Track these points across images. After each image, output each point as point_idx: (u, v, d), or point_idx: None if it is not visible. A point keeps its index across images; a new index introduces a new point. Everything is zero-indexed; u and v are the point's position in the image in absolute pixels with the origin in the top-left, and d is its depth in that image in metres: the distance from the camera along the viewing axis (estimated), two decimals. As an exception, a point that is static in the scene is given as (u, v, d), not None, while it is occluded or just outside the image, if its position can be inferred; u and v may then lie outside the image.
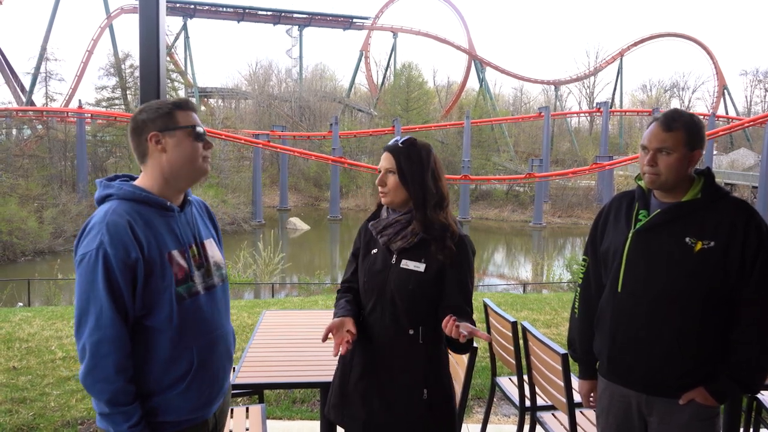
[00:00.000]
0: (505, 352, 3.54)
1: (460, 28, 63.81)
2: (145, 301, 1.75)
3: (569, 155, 53.32)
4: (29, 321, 7.28)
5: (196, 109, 1.96)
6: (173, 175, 1.87)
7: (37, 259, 25.84)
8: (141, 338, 1.78)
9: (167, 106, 1.87)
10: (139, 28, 2.65)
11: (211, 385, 1.91)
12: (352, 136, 46.35)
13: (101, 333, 1.68)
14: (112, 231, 1.71)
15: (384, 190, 2.14)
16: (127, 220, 1.74)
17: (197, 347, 1.85)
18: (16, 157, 35.75)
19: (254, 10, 52.55)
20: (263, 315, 4.15)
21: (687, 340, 2.01)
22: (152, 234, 1.78)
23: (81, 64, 46.51)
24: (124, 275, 1.70)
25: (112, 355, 1.68)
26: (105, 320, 1.68)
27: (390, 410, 2.08)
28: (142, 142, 1.86)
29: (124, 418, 1.71)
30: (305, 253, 30.13)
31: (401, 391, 2.08)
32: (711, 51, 60.21)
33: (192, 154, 1.87)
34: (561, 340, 6.10)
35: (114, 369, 1.68)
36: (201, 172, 1.91)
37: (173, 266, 1.80)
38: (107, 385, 1.69)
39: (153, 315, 1.77)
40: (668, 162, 2.02)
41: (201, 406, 1.89)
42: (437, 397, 2.10)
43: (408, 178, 2.09)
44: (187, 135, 1.86)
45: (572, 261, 20.63)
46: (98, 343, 1.68)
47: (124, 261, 1.70)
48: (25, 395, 4.58)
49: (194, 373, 1.83)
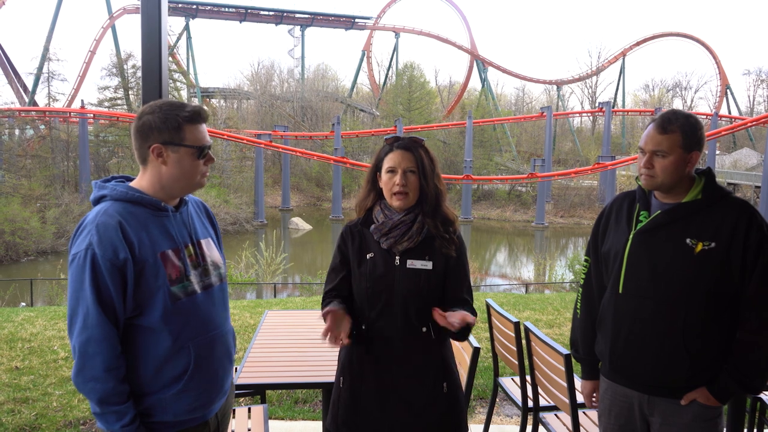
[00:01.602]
0: (507, 353, 3.54)
1: (462, 27, 63.88)
2: (137, 300, 1.75)
3: (571, 155, 53.31)
4: (32, 321, 7.29)
5: (208, 118, 1.93)
6: (169, 185, 1.87)
7: (40, 259, 25.91)
8: (135, 338, 1.78)
9: (176, 120, 1.82)
10: (142, 29, 2.64)
11: (211, 385, 1.90)
12: (354, 136, 46.34)
13: (88, 333, 1.68)
14: (102, 232, 1.71)
15: (406, 189, 2.09)
16: (117, 221, 1.74)
17: (194, 347, 1.84)
18: (18, 157, 35.89)
19: (256, 10, 52.58)
20: (265, 315, 4.15)
21: (692, 341, 2.00)
22: (145, 234, 1.78)
23: (83, 65, 46.57)
24: (112, 276, 1.70)
25: (100, 355, 1.68)
26: (92, 320, 1.68)
27: (411, 411, 2.07)
28: (144, 149, 1.84)
29: (116, 418, 1.71)
30: (307, 253, 30.14)
31: (422, 390, 2.08)
32: (714, 50, 60.12)
33: (191, 171, 1.87)
34: (563, 340, 6.09)
35: (103, 368, 1.69)
36: (197, 187, 1.91)
37: (167, 266, 1.80)
38: (97, 384, 1.69)
39: (146, 315, 1.77)
40: (664, 165, 2.02)
41: (200, 406, 1.87)
42: (454, 389, 2.14)
43: (428, 177, 2.10)
44: (190, 154, 1.85)
45: (574, 261, 20.63)
46: (86, 343, 1.68)
47: (112, 262, 1.70)
48: (27, 395, 4.59)
49: (191, 373, 1.83)
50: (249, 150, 42.38)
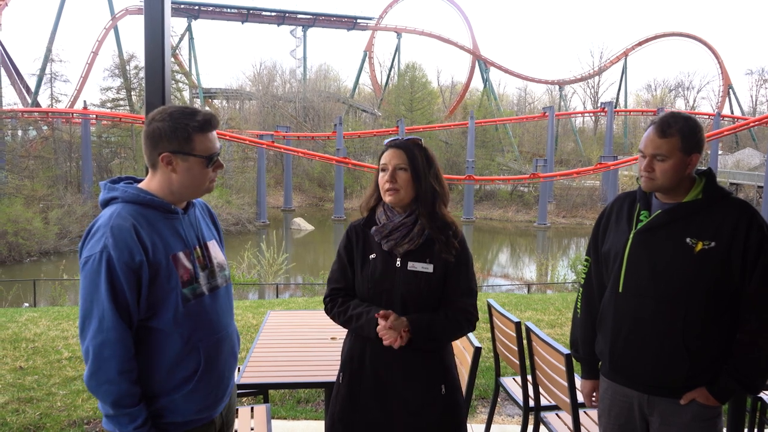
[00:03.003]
0: (508, 353, 3.55)
1: (464, 28, 63.72)
2: (150, 303, 1.76)
3: (574, 155, 53.21)
4: (35, 321, 7.32)
5: (218, 124, 1.92)
6: (179, 192, 1.88)
7: (43, 260, 25.97)
8: (147, 340, 1.79)
9: (186, 130, 1.81)
10: (145, 30, 2.65)
11: (218, 385, 1.92)
12: (356, 136, 46.36)
13: (104, 336, 1.68)
14: (117, 234, 1.71)
15: (395, 186, 2.09)
16: (132, 224, 1.74)
17: (204, 348, 1.85)
18: (21, 158, 35.95)
19: (258, 11, 52.61)
20: (268, 315, 4.17)
21: (692, 341, 2.01)
22: (157, 237, 1.79)
23: (86, 65, 46.57)
24: (127, 278, 1.70)
25: (114, 358, 1.68)
26: (107, 323, 1.68)
27: (407, 411, 2.08)
28: (154, 156, 1.84)
29: (129, 420, 1.71)
30: (309, 253, 30.16)
31: (420, 391, 2.09)
32: (716, 50, 59.95)
33: (201, 179, 1.88)
34: (565, 340, 6.09)
35: (117, 371, 1.69)
36: (205, 192, 1.93)
37: (179, 268, 1.81)
38: (111, 386, 1.69)
39: (158, 317, 1.78)
40: (664, 168, 2.03)
41: (208, 406, 1.89)
42: (452, 391, 2.13)
43: (421, 175, 2.10)
44: (200, 163, 1.85)
45: (576, 261, 20.62)
46: (101, 345, 1.68)
47: (128, 264, 1.70)
48: (31, 395, 4.61)
49: (201, 374, 1.84)
50: (251, 150, 42.40)
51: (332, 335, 3.64)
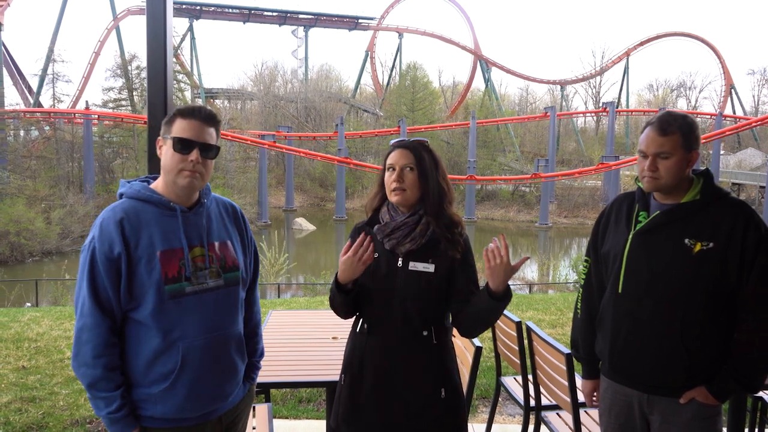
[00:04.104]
0: (510, 352, 3.55)
1: (466, 28, 63.71)
2: (133, 294, 1.81)
3: (575, 155, 53.20)
4: (38, 321, 7.34)
5: (211, 118, 1.91)
6: (165, 180, 1.92)
7: (45, 260, 26.01)
8: (129, 331, 1.85)
9: (172, 113, 1.92)
10: (146, 30, 2.66)
11: (204, 388, 1.89)
12: (357, 136, 46.35)
13: (83, 321, 1.79)
14: (103, 227, 1.81)
15: (402, 186, 2.10)
16: (120, 218, 1.82)
17: (184, 347, 1.84)
18: (23, 158, 36.04)
19: (260, 11, 52.69)
20: (269, 315, 4.18)
21: (691, 340, 2.02)
22: (147, 232, 1.83)
23: (88, 66, 46.70)
24: (106, 269, 1.78)
25: (90, 342, 1.77)
26: (86, 309, 1.78)
27: (408, 413, 2.08)
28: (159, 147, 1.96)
29: (105, 404, 1.79)
30: (311, 253, 30.18)
31: (420, 393, 2.08)
32: (718, 50, 59.95)
33: (170, 164, 1.88)
34: (566, 340, 6.09)
35: (91, 355, 1.77)
36: (180, 186, 1.88)
37: (163, 264, 1.82)
38: (87, 369, 1.78)
39: (139, 309, 1.82)
40: (668, 166, 2.04)
41: (191, 408, 1.88)
42: (453, 394, 2.13)
43: (429, 175, 2.11)
44: (170, 145, 1.88)
45: (578, 261, 20.61)
46: (81, 329, 1.79)
47: (107, 256, 1.78)
48: (34, 394, 4.63)
49: (179, 373, 1.84)
50: (253, 150, 42.44)
51: (334, 335, 3.65)
